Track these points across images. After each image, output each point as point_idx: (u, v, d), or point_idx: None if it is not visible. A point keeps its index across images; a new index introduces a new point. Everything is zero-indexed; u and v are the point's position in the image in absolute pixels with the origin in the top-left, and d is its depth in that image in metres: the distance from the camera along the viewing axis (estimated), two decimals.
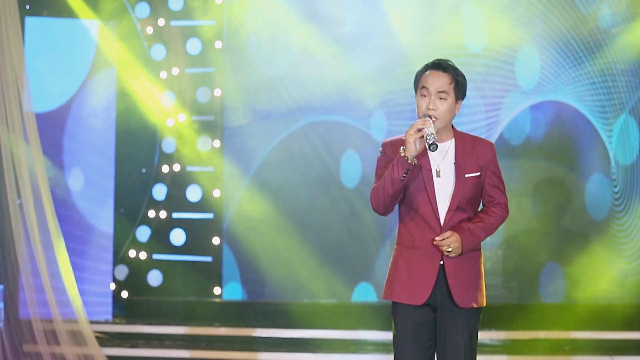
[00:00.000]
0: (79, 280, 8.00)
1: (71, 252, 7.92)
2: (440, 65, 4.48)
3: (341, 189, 9.13)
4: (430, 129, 4.28)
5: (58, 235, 7.59)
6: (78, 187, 8.81)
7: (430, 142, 4.24)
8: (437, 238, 4.41)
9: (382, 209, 4.45)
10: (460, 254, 4.43)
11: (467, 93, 4.53)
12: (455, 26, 8.98)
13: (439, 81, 4.43)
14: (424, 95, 4.45)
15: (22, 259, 7.51)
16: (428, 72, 4.48)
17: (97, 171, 8.89)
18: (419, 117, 4.43)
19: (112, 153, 8.96)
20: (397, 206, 4.52)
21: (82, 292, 7.93)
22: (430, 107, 4.41)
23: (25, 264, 7.51)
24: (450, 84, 4.44)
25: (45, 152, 7.83)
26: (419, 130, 4.29)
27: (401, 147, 4.33)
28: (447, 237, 4.39)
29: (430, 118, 4.36)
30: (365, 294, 9.07)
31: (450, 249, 4.39)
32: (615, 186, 9.00)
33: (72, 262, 7.76)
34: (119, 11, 9.05)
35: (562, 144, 9.05)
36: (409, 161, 4.31)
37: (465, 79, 4.49)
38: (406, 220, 4.50)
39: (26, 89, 7.53)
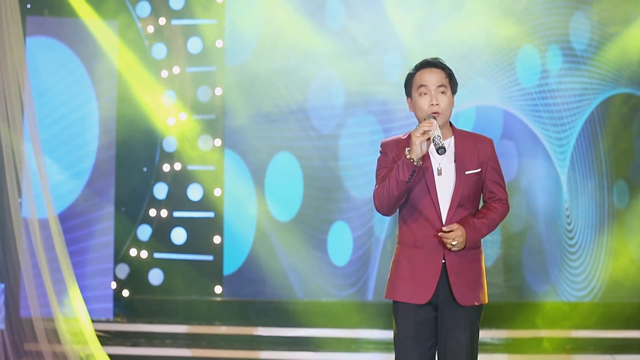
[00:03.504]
0: (80, 279, 8.00)
1: (72, 251, 7.92)
2: (432, 63, 4.52)
3: (342, 188, 9.12)
4: (436, 132, 4.28)
5: (59, 234, 7.59)
6: (79, 185, 8.81)
7: (439, 146, 4.24)
8: (444, 229, 4.40)
9: (386, 210, 4.45)
10: (462, 249, 4.43)
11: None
12: (456, 26, 8.98)
13: (436, 76, 4.47)
14: (425, 94, 4.46)
15: (24, 257, 7.51)
16: (422, 70, 4.50)
17: (98, 170, 8.89)
18: (419, 117, 4.45)
19: (113, 152, 8.97)
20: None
21: (83, 291, 7.93)
22: (434, 102, 4.43)
23: (27, 262, 7.52)
24: (446, 78, 4.49)
25: (45, 151, 7.83)
26: (425, 132, 4.29)
27: (406, 149, 4.33)
28: (454, 231, 4.39)
29: (435, 119, 4.36)
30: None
31: (454, 243, 4.39)
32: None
33: (73, 261, 7.76)
34: (120, 10, 9.05)
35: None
36: (415, 163, 4.31)
37: (454, 73, 4.53)
38: (408, 219, 4.50)
39: (27, 88, 7.53)
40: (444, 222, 4.43)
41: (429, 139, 4.29)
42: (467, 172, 4.47)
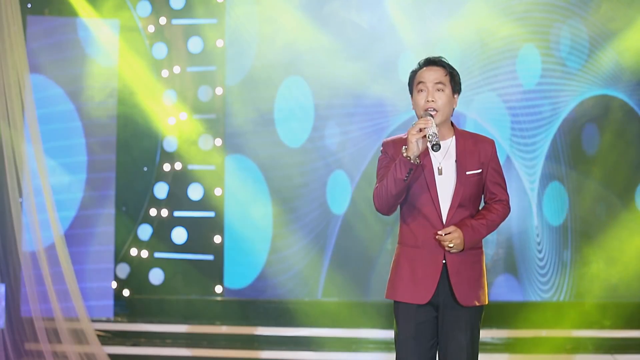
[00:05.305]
0: (80, 278, 8.00)
1: (73, 250, 7.92)
2: (433, 61, 4.51)
3: (343, 187, 9.13)
4: (432, 129, 4.27)
5: (60, 234, 7.59)
6: (80, 184, 8.81)
7: (434, 142, 4.23)
8: (439, 232, 4.39)
9: (386, 209, 4.45)
10: (462, 251, 4.42)
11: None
12: (456, 25, 8.98)
13: (434, 74, 4.46)
14: (422, 90, 4.46)
15: (24, 257, 7.51)
16: (422, 68, 4.50)
17: (99, 169, 8.89)
18: (418, 115, 4.44)
19: (114, 151, 8.96)
20: (398, 205, 4.52)
21: (83, 291, 7.93)
22: (429, 99, 4.42)
23: (27, 262, 7.52)
24: (446, 76, 4.47)
25: (46, 150, 7.83)
26: (421, 130, 4.29)
27: (403, 147, 4.32)
28: (450, 233, 4.39)
29: (432, 117, 4.36)
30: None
31: (452, 245, 4.39)
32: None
33: (73, 261, 7.76)
34: (121, 10, 9.06)
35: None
36: (412, 161, 4.30)
37: (458, 73, 4.51)
38: (408, 219, 4.49)
39: (28, 88, 7.53)
40: (444, 222, 4.42)
41: (425, 136, 4.29)
42: (467, 173, 4.46)
